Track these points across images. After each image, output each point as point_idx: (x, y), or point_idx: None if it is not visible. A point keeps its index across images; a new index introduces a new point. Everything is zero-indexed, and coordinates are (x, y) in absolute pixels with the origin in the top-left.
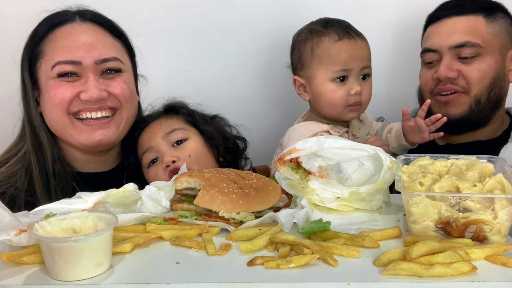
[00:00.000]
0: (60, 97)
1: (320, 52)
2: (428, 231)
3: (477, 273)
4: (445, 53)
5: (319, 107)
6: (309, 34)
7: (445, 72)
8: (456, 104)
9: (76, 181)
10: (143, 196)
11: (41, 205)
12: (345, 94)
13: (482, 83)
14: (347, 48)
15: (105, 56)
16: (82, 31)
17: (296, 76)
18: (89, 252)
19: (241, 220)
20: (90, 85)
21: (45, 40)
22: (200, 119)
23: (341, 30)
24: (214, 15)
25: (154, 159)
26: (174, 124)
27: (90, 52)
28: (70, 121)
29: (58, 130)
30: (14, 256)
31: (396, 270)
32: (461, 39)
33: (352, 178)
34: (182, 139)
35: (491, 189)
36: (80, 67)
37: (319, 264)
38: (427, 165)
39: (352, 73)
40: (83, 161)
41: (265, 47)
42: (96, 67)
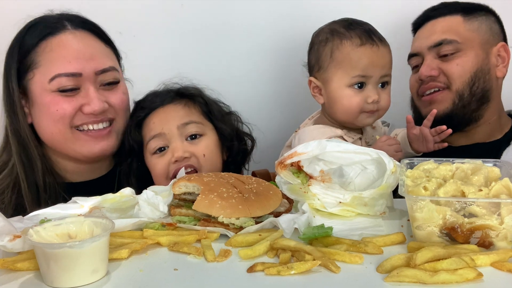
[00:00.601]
0: (62, 113)
1: (340, 55)
2: (433, 236)
3: (483, 280)
4: (426, 54)
5: (333, 112)
6: (330, 35)
7: (426, 71)
8: (440, 101)
9: (68, 191)
10: (140, 201)
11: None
12: (362, 101)
13: (462, 78)
14: (368, 54)
15: (103, 66)
16: (77, 41)
17: (312, 78)
18: (85, 258)
19: (241, 226)
20: (92, 97)
21: (37, 50)
22: (217, 114)
23: (364, 34)
24: (213, 15)
25: (162, 147)
26: (192, 115)
27: (90, 62)
28: (73, 135)
29: (57, 143)
30: (8, 262)
31: (400, 277)
32: (438, 38)
33: (355, 183)
34: (198, 134)
35: (497, 194)
36: (80, 78)
37: (320, 271)
38: (432, 169)
39: (371, 81)
40: (74, 172)
41: (265, 47)
42: (95, 78)
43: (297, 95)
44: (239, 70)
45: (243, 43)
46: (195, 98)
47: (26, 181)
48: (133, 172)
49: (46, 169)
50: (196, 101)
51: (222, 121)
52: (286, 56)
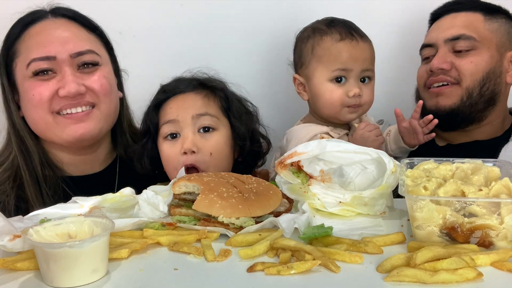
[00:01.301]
0: (38, 98)
1: (320, 51)
2: (433, 236)
3: (483, 279)
4: (440, 46)
5: (317, 108)
6: (311, 33)
7: (438, 63)
8: (448, 95)
9: (67, 185)
10: (140, 200)
11: (35, 210)
12: (343, 95)
13: (474, 76)
14: (347, 48)
15: (79, 49)
16: (55, 27)
17: (296, 75)
18: (85, 258)
19: (241, 225)
20: (67, 79)
21: (19, 40)
22: (235, 111)
23: (344, 30)
24: (212, 15)
25: (174, 133)
26: (209, 107)
27: (65, 46)
28: (53, 119)
29: (41, 130)
30: (8, 262)
31: (400, 277)
32: (456, 32)
33: (355, 183)
34: (210, 127)
35: (497, 194)
36: (55, 62)
37: (320, 271)
38: (432, 169)
39: (351, 75)
40: (71, 163)
41: (265, 47)
42: (71, 61)
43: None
44: (239, 70)
45: (243, 43)
46: (216, 91)
47: (27, 172)
48: (147, 152)
49: (43, 162)
50: (217, 94)
51: (239, 119)
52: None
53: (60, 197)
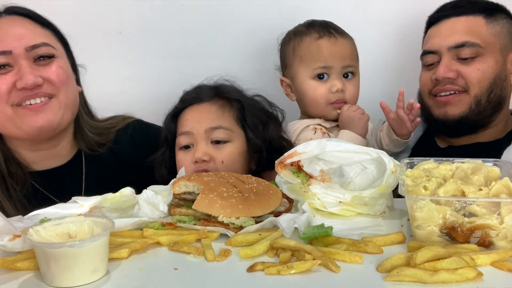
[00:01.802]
0: None
1: (301, 51)
2: (433, 236)
3: (483, 279)
4: (444, 54)
5: (303, 106)
6: (292, 35)
7: (444, 72)
8: (456, 104)
9: (35, 179)
10: (140, 200)
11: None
12: (326, 91)
13: (482, 83)
14: (326, 45)
15: (34, 42)
16: (10, 25)
17: (282, 77)
18: (85, 258)
19: (241, 225)
20: (23, 71)
21: None
22: (251, 124)
23: (322, 29)
24: (212, 15)
25: (188, 145)
26: (223, 119)
27: (20, 41)
28: (13, 111)
29: (1, 124)
30: (8, 262)
31: (400, 276)
32: (460, 39)
33: (355, 182)
34: (223, 140)
35: (497, 193)
36: (11, 56)
37: (320, 270)
38: (432, 168)
39: (333, 71)
40: (34, 161)
41: (265, 47)
42: (27, 54)
43: None
44: (239, 70)
45: (243, 43)
46: (232, 101)
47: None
48: (165, 162)
49: (8, 158)
50: (233, 105)
51: (254, 131)
52: None
53: (28, 192)
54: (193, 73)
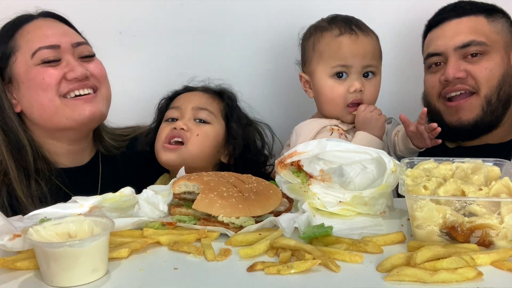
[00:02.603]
0: (49, 80)
1: (320, 47)
2: (433, 236)
3: (483, 279)
4: (450, 55)
5: (320, 104)
6: (313, 30)
7: (453, 73)
8: (468, 108)
9: (60, 177)
10: (140, 200)
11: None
12: (344, 91)
13: (491, 82)
14: (347, 43)
15: (78, 40)
16: (50, 24)
17: (301, 73)
18: (85, 257)
19: (241, 225)
20: (73, 64)
21: (13, 38)
22: (235, 117)
23: (343, 25)
24: (212, 15)
25: (174, 118)
26: (210, 105)
27: (65, 37)
28: (62, 102)
29: (49, 115)
30: (8, 261)
31: (400, 276)
32: (466, 38)
33: (355, 182)
34: (205, 120)
35: (497, 193)
36: (59, 50)
37: (320, 270)
38: (432, 168)
39: (353, 70)
40: (64, 153)
41: (266, 47)
42: (73, 50)
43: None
44: (239, 69)
45: (243, 43)
46: (224, 97)
47: (15, 169)
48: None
49: (36, 154)
50: (224, 99)
51: (236, 123)
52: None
53: (51, 188)
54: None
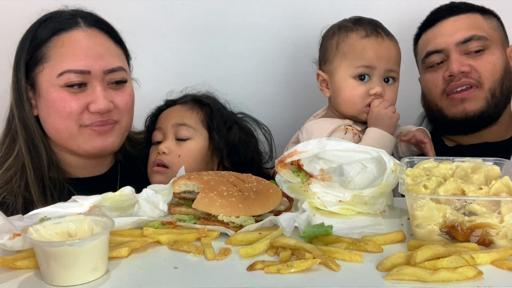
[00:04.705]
0: (68, 111)
1: (345, 47)
2: (433, 235)
3: (483, 278)
4: (452, 50)
5: (337, 104)
6: (337, 29)
7: (458, 67)
8: (473, 99)
9: (72, 186)
10: (140, 199)
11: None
12: (364, 93)
13: (494, 76)
14: (373, 45)
15: (112, 66)
16: (88, 39)
17: (319, 71)
18: (85, 256)
19: (241, 224)
20: (98, 95)
21: (48, 44)
22: (216, 126)
23: (369, 27)
24: (213, 14)
25: (159, 140)
26: (189, 118)
27: (99, 61)
28: (79, 130)
29: (62, 139)
30: (7, 260)
31: (400, 275)
32: (466, 33)
33: (355, 181)
34: (185, 138)
35: (497, 192)
36: (89, 76)
37: (320, 269)
38: (432, 167)
39: (375, 73)
40: (78, 166)
41: (266, 47)
42: (103, 76)
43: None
44: (239, 69)
45: (244, 42)
46: (203, 106)
47: (32, 169)
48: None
49: (51, 161)
50: (202, 108)
51: (217, 133)
52: (287, 55)
53: (65, 198)
54: (193, 73)
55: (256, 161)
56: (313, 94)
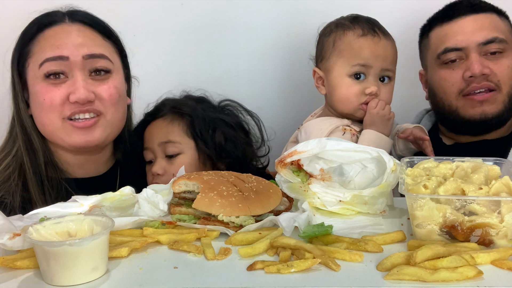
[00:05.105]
0: (49, 103)
1: (341, 45)
2: (433, 235)
3: (483, 277)
4: (472, 50)
5: (332, 102)
6: (334, 27)
7: (480, 69)
8: (492, 102)
9: (71, 186)
10: (140, 199)
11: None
12: (360, 91)
13: (511, 80)
14: (369, 44)
15: (93, 52)
16: (71, 31)
17: (315, 68)
18: (85, 256)
19: (241, 224)
20: (78, 85)
21: (33, 41)
22: (200, 133)
23: (367, 26)
24: (213, 14)
25: (150, 160)
26: (173, 133)
27: (78, 48)
28: (62, 124)
29: (49, 133)
30: (7, 260)
31: (400, 275)
32: (489, 35)
33: (355, 181)
34: (175, 154)
35: (497, 192)
36: (68, 63)
37: (320, 269)
38: (432, 167)
39: (371, 72)
40: (75, 164)
41: (265, 47)
42: (84, 63)
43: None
44: (239, 69)
45: (243, 42)
46: (184, 115)
47: (31, 169)
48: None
49: (48, 160)
50: (184, 118)
51: (204, 138)
52: (287, 55)
53: (63, 198)
54: (193, 73)
55: (248, 154)
56: (312, 93)
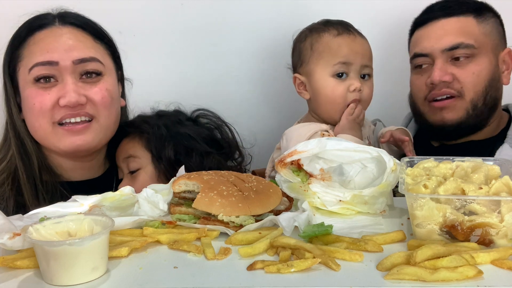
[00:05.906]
0: (39, 107)
1: (320, 47)
2: (433, 234)
3: (483, 277)
4: (437, 57)
5: (318, 105)
6: (309, 32)
7: (439, 76)
8: (452, 108)
9: (66, 189)
10: (140, 199)
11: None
12: (345, 90)
13: (477, 87)
14: (347, 42)
15: (83, 55)
16: (61, 34)
17: (296, 74)
18: (85, 256)
19: (241, 224)
20: (68, 89)
21: (24, 44)
22: (155, 147)
23: (340, 26)
24: (212, 14)
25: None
26: (133, 148)
27: (68, 52)
28: (52, 129)
29: (40, 138)
30: (7, 260)
31: (400, 275)
32: (454, 40)
33: (355, 181)
34: (135, 170)
35: (497, 192)
36: (58, 67)
37: (320, 269)
38: (432, 167)
39: (352, 69)
40: (69, 168)
41: (265, 47)
42: (74, 68)
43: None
44: (238, 69)
45: (243, 43)
46: (143, 132)
47: (25, 174)
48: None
49: (42, 165)
50: (143, 135)
51: (161, 151)
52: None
53: (57, 201)
54: (193, 73)
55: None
56: None
